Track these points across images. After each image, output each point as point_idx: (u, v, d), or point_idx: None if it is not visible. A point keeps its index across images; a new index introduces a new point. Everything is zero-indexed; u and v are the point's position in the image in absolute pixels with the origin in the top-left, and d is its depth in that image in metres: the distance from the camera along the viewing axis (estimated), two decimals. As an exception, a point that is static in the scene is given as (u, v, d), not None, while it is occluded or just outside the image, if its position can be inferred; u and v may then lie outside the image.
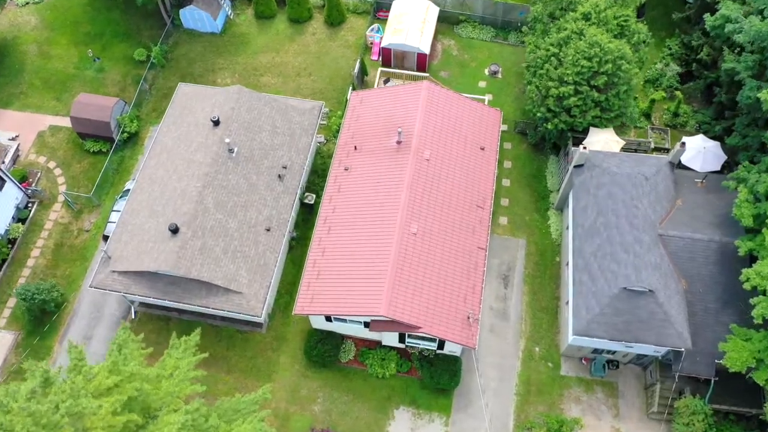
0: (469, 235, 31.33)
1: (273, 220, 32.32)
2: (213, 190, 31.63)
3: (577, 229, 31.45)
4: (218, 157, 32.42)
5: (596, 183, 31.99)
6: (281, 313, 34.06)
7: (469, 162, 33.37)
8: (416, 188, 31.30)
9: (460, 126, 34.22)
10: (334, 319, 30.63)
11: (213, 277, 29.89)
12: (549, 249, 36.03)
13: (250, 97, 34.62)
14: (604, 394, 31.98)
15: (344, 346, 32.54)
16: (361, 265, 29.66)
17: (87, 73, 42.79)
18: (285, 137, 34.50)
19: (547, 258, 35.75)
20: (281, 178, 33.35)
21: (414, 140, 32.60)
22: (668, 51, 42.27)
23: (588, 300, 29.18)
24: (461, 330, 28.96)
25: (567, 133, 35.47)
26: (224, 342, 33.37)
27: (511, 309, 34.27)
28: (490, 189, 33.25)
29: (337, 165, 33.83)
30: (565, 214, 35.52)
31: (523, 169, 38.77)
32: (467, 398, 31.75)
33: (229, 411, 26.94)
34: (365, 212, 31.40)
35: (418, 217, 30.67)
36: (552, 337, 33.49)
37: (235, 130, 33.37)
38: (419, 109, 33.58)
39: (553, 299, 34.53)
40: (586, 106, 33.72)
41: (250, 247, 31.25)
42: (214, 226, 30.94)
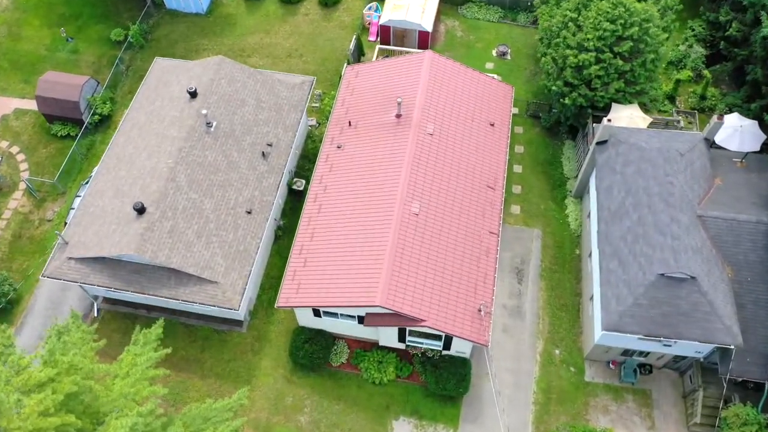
0: (479, 218, 27.35)
1: (255, 202, 28.36)
2: (187, 166, 27.76)
3: (603, 211, 27.47)
4: (194, 131, 28.62)
5: (623, 160, 28.12)
6: (264, 310, 29.86)
7: (478, 138, 29.56)
8: (418, 164, 27.43)
9: (467, 100, 30.50)
10: (323, 313, 26.46)
11: (183, 264, 25.82)
12: (567, 240, 32.00)
13: (233, 69, 30.99)
14: (636, 404, 27.61)
15: (336, 348, 28.28)
16: (355, 250, 25.61)
17: (59, 55, 39.31)
18: (271, 112, 30.77)
19: (565, 250, 31.70)
20: (265, 156, 29.49)
21: (415, 113, 28.84)
22: (691, 32, 38.79)
23: (619, 290, 25.06)
24: (471, 325, 24.78)
25: (586, 110, 31.70)
26: (198, 343, 29.11)
27: (526, 307, 30.08)
28: (501, 168, 29.38)
29: (329, 143, 30.02)
30: (586, 201, 31.59)
31: (536, 154, 34.95)
32: (478, 407, 27.36)
33: (197, 419, 22.70)
34: (360, 191, 27.48)
35: (421, 196, 26.72)
36: (574, 338, 29.24)
37: (215, 103, 29.64)
38: (421, 81, 29.90)
39: (574, 296, 30.38)
40: (609, 77, 30.03)
41: (228, 232, 27.24)
42: (186, 207, 26.98)
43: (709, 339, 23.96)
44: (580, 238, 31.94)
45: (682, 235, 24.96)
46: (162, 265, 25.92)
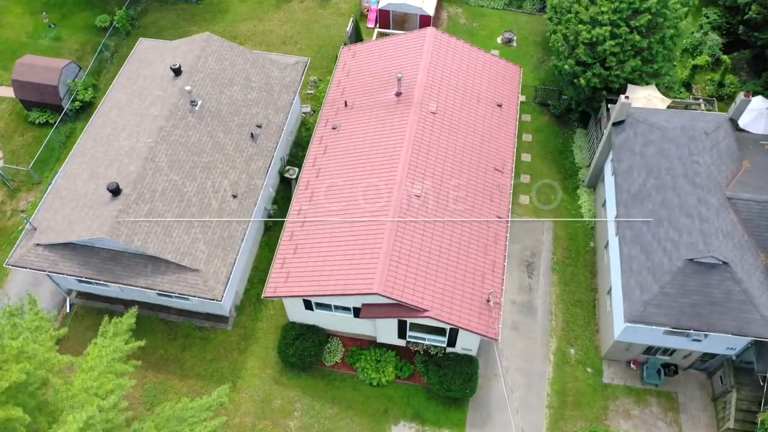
0: (486, 203, 24.99)
1: (242, 186, 26.03)
2: (168, 146, 25.48)
3: (622, 194, 25.12)
4: (177, 110, 26.40)
5: (643, 141, 25.87)
6: (252, 306, 27.36)
7: (485, 119, 27.33)
8: (420, 144, 25.16)
9: (473, 79, 28.34)
10: (315, 305, 23.97)
11: (161, 250, 23.40)
12: (581, 233, 29.61)
13: (221, 47, 28.89)
14: (661, 408, 24.97)
15: (329, 346, 25.73)
16: (350, 236, 23.22)
17: (41, 42, 37.29)
18: (261, 93, 28.59)
19: (578, 243, 29.29)
20: (254, 138, 27.24)
21: (417, 91, 26.66)
22: (706, 20, 36.83)
23: (642, 278, 22.61)
24: (479, 317, 22.29)
25: (600, 93, 29.52)
26: (179, 341, 26.55)
27: (537, 302, 27.58)
28: (510, 151, 27.11)
29: (323, 124, 27.79)
30: (600, 189, 29.29)
31: (545, 143, 32.72)
32: (486, 410, 24.72)
33: (171, 420, 20.17)
34: (356, 173, 25.17)
35: (423, 178, 24.41)
36: (590, 336, 26.69)
37: (200, 81, 27.47)
38: (423, 59, 27.77)
39: (589, 291, 27.90)
40: (625, 55, 27.91)
41: (212, 216, 24.87)
42: (166, 189, 24.65)
43: (745, 331, 21.45)
44: (594, 230, 29.58)
45: (711, 218, 22.60)
46: (138, 251, 23.52)
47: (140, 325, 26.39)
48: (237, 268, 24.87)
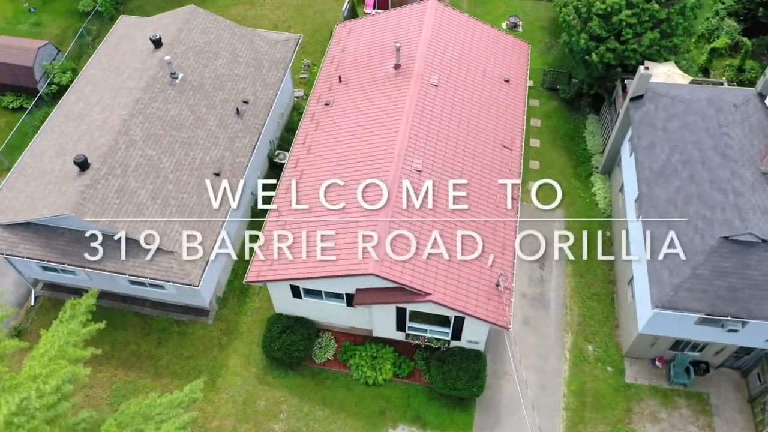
0: (494, 182, 22.61)
1: (225, 164, 23.68)
2: (144, 119, 23.21)
3: (643, 172, 22.76)
4: (155, 82, 24.19)
5: (665, 115, 23.61)
6: (236, 298, 24.81)
7: (491, 94, 25.09)
8: (421, 118, 22.89)
9: (478, 54, 26.19)
10: (304, 292, 21.45)
11: (132, 229, 20.96)
12: (596, 222, 27.17)
13: (206, 19, 26.81)
14: (692, 410, 22.29)
15: (320, 341, 23.13)
16: (344, 213, 20.77)
17: (20, 28, 35.29)
18: (249, 68, 26.40)
19: (594, 232, 26.80)
20: (240, 113, 24.97)
21: (417, 63, 24.47)
22: (722, 5, 34.88)
23: (672, 259, 20.12)
24: (487, 303, 19.76)
25: (615, 71, 27.32)
26: (154, 336, 23.95)
27: (550, 295, 25.04)
28: (519, 127, 24.83)
29: (315, 101, 25.55)
30: (616, 175, 26.98)
31: (555, 129, 30.49)
32: (495, 412, 22.03)
33: (136, 417, 17.55)
34: (351, 148, 22.85)
35: (424, 152, 22.08)
36: (609, 331, 24.10)
37: (182, 54, 25.32)
38: (424, 32, 25.65)
39: (607, 283, 25.38)
40: (642, 27, 25.79)
41: (191, 195, 22.47)
42: (141, 164, 22.30)
43: (790, 318, 18.92)
44: (610, 218, 27.15)
45: (746, 193, 20.22)
46: (106, 231, 21.07)
47: (111, 319, 23.91)
48: (220, 257, 22.35)
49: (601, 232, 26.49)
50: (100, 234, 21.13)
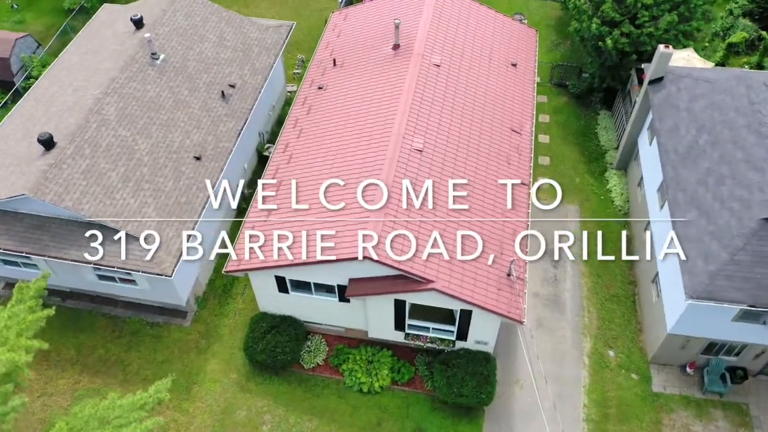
0: (502, 166, 20.50)
1: (208, 148, 21.61)
2: (120, 99, 21.24)
3: (668, 155, 20.65)
4: (134, 62, 22.33)
5: (688, 95, 21.65)
6: (217, 299, 22.42)
7: (498, 78, 23.19)
8: (422, 97, 20.92)
9: (483, 38, 24.40)
10: (291, 285, 19.09)
11: (98, 212, 18.74)
12: (613, 220, 24.95)
13: (192, 2, 25.12)
14: (729, 422, 19.66)
15: (309, 344, 20.66)
16: (336, 195, 18.57)
17: (2, 25, 33.78)
18: (237, 53, 24.58)
19: (611, 230, 24.57)
20: (225, 97, 23.03)
21: (418, 43, 22.63)
22: (735, 4, 33.37)
23: (705, 245, 17.83)
24: (498, 293, 17.39)
25: (630, 59, 25.47)
26: (124, 339, 21.48)
27: (566, 296, 22.65)
28: (529, 113, 22.86)
29: (307, 86, 23.64)
30: (633, 169, 24.91)
31: (566, 125, 28.54)
32: (507, 423, 19.40)
33: (91, 420, 15.17)
34: (345, 130, 20.82)
35: (425, 132, 20.03)
36: (632, 336, 21.63)
37: (165, 35, 23.53)
38: (425, 12, 23.91)
39: (627, 284, 23.00)
40: (659, 9, 24.05)
41: (167, 179, 20.32)
42: (112, 145, 20.23)
43: None
44: (628, 216, 24.95)
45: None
46: (71, 216, 18.86)
47: (78, 320, 21.62)
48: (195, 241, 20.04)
49: (623, 232, 24.24)
50: (64, 219, 18.91)
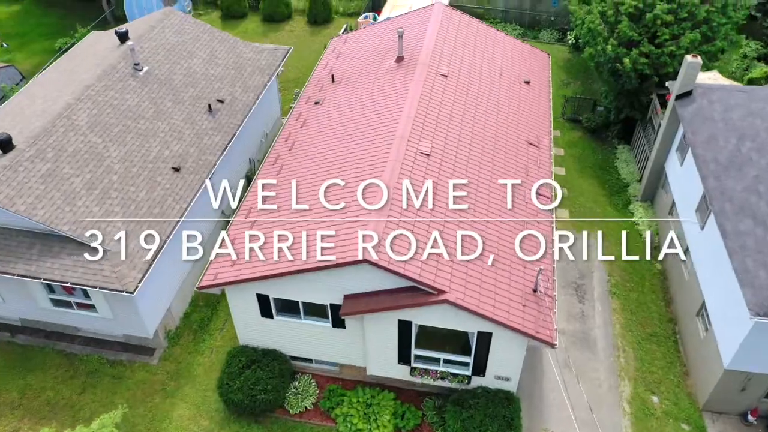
0: (521, 177, 18.10)
1: (189, 160, 19.29)
2: (93, 106, 19.18)
3: (707, 166, 18.27)
4: (114, 71, 20.49)
5: (722, 106, 19.61)
6: (192, 334, 19.33)
7: (510, 93, 21.27)
8: (428, 103, 18.85)
9: (492, 55, 22.74)
10: (276, 308, 16.16)
11: (53, 219, 16.12)
12: (641, 253, 22.22)
13: (183, 20, 23.70)
14: (808, 482, 16.07)
15: (297, 385, 17.39)
16: (331, 198, 16.03)
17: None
18: (228, 70, 22.84)
19: (640, 265, 21.85)
20: (212, 111, 21.01)
21: (423, 54, 20.88)
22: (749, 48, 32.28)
23: (766, 256, 15.10)
24: (523, 310, 14.47)
25: (651, 81, 23.71)
26: (79, 380, 18.20)
27: (596, 333, 19.56)
28: (546, 128, 20.77)
29: (303, 103, 21.70)
30: (661, 198, 22.54)
31: (582, 158, 26.47)
32: (538, 480, 15.83)
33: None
34: (342, 138, 18.59)
35: (433, 137, 17.79)
36: (677, 379, 18.38)
37: (151, 49, 21.86)
38: (430, 29, 22.38)
39: (665, 322, 19.98)
40: (680, 27, 22.53)
41: (139, 189, 17.85)
42: (80, 151, 17.92)
43: None
44: (659, 250, 22.23)
45: None
46: (24, 225, 16.24)
47: (28, 359, 18.60)
48: (167, 261, 17.31)
49: (649, 266, 21.53)
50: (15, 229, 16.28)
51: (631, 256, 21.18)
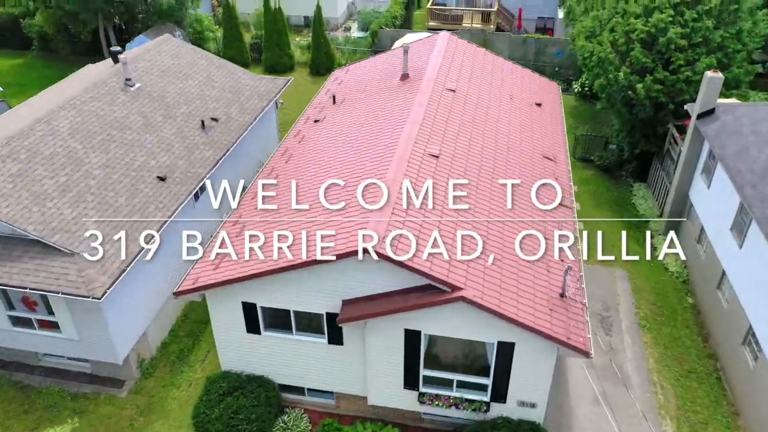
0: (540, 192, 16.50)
1: (176, 172, 17.76)
2: (77, 114, 17.92)
3: (742, 176, 16.73)
4: (103, 84, 19.43)
5: (749, 120, 18.40)
6: (169, 366, 17.03)
7: (522, 114, 20.10)
8: (436, 112, 17.60)
9: (501, 79, 21.81)
10: (265, 320, 14.08)
11: (17, 218, 14.37)
12: (670, 287, 20.34)
13: (180, 46, 23.00)
14: None
15: (286, 420, 14.94)
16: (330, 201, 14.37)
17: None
18: (225, 93, 21.84)
19: (670, 299, 19.84)
20: (205, 128, 19.76)
21: (429, 71, 19.91)
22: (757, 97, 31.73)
23: (824, 256, 13.26)
24: (551, 315, 12.45)
25: (666, 110, 22.64)
26: (34, 415, 15.74)
27: (627, 368, 17.25)
28: (561, 144, 19.45)
29: (303, 122, 20.52)
30: (687, 227, 20.85)
31: (597, 194, 25.04)
32: None
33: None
34: (344, 147, 17.20)
35: (442, 141, 16.39)
36: (726, 419, 15.93)
37: (145, 69, 20.93)
38: (435, 51, 21.59)
39: (705, 358, 17.73)
40: (695, 52, 21.73)
41: (119, 194, 16.21)
42: (57, 154, 16.45)
43: None
44: (689, 283, 20.31)
45: None
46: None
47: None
48: (145, 274, 15.39)
49: (679, 300, 19.54)
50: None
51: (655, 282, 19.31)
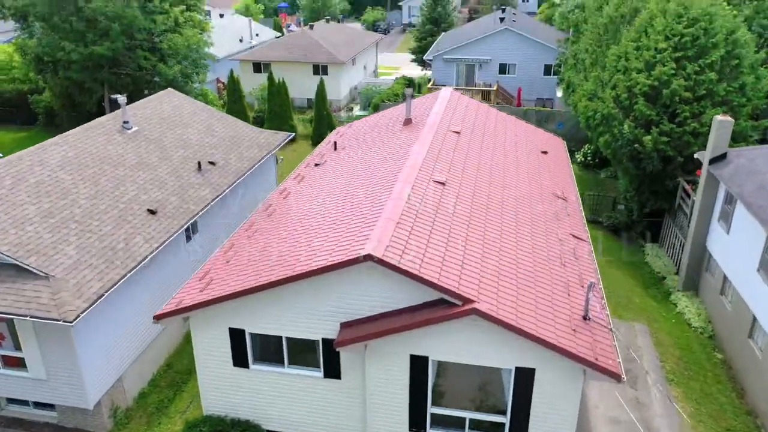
0: (551, 222, 15.61)
1: (168, 207, 16.87)
2: (69, 149, 17.33)
3: (765, 211, 15.82)
4: (100, 126, 19.03)
5: (764, 161, 17.76)
6: (147, 417, 15.26)
7: (530, 160, 19.53)
8: (440, 149, 17.04)
9: (505, 130, 21.47)
10: (254, 351, 12.64)
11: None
12: (695, 342, 18.85)
13: (181, 99, 22.87)
14: None
15: (274, 472, 13.08)
16: (326, 226, 13.43)
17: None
18: (224, 141, 21.41)
19: (697, 354, 18.31)
20: (201, 169, 19.11)
21: (433, 117, 19.58)
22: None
23: None
24: (575, 336, 11.11)
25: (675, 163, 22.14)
26: (-13, 469, 13.85)
27: (657, 423, 15.45)
28: (570, 185, 18.75)
29: (303, 167, 19.94)
30: (708, 281, 19.71)
31: (608, 252, 23.98)
32: None
33: None
34: (344, 181, 16.47)
35: (448, 173, 15.67)
36: (776, 480, 13.98)
37: (145, 117, 20.64)
38: (438, 101, 21.43)
39: (744, 415, 15.99)
40: (700, 105, 21.54)
41: (105, 224, 15.22)
42: (43, 182, 15.66)
43: None
44: (715, 338, 18.83)
45: None
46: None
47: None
48: (123, 312, 14.10)
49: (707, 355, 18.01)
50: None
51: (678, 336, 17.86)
